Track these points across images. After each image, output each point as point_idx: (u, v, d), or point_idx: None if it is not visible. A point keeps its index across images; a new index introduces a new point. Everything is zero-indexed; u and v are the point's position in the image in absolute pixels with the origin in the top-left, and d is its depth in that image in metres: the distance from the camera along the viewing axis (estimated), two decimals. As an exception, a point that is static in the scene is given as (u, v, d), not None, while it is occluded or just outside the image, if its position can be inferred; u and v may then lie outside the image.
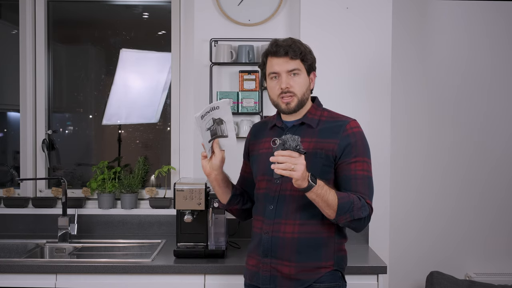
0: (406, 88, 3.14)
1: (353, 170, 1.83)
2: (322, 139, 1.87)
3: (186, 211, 2.52)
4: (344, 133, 1.85)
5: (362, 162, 1.84)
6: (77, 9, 3.29)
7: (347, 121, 1.89)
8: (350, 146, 1.84)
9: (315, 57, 1.95)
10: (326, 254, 1.87)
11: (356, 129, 1.87)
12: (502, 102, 3.18)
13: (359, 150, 1.85)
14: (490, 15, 3.15)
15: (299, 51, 1.87)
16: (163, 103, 3.21)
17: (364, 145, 1.87)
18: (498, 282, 3.00)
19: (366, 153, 1.87)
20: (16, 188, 3.09)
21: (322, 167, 1.84)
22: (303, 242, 1.86)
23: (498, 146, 3.18)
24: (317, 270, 1.86)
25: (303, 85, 1.88)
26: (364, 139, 1.88)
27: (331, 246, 1.88)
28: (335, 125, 1.89)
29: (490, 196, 3.18)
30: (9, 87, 3.23)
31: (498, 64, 3.17)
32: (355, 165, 1.83)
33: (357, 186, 1.82)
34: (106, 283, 2.35)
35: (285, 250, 1.87)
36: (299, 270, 1.86)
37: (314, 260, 1.86)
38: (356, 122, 1.90)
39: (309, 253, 1.86)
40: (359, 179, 1.83)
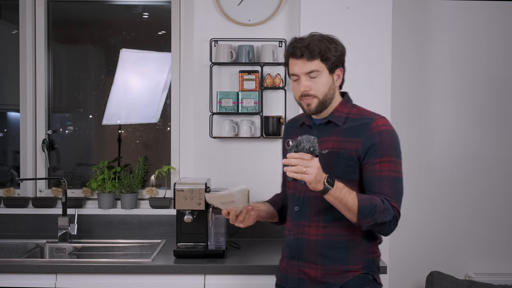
0: (406, 88, 3.14)
1: (378, 171, 1.73)
2: (347, 138, 1.79)
3: (186, 211, 2.52)
4: (369, 132, 1.76)
5: (389, 163, 1.74)
6: (77, 9, 3.30)
7: (374, 119, 1.79)
8: (375, 145, 1.74)
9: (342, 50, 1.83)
10: (353, 257, 1.80)
11: (383, 128, 1.77)
12: (501, 102, 3.18)
13: (385, 149, 1.74)
14: (489, 15, 3.15)
15: (317, 51, 1.76)
16: (163, 103, 3.21)
17: (392, 144, 1.77)
18: (498, 282, 3.00)
19: (395, 152, 1.76)
20: (16, 188, 3.09)
21: (345, 167, 1.77)
22: (327, 245, 1.81)
23: (497, 145, 3.18)
24: (344, 274, 1.80)
25: (324, 86, 1.80)
26: (392, 138, 1.78)
27: (358, 248, 1.81)
28: (361, 123, 1.79)
29: (490, 196, 3.18)
30: (9, 87, 3.23)
31: (498, 64, 3.17)
32: (380, 165, 1.73)
33: (381, 187, 1.72)
34: (106, 283, 2.35)
35: (310, 253, 1.83)
36: (325, 273, 1.81)
37: (340, 264, 1.80)
38: (383, 119, 1.80)
39: (334, 256, 1.81)
40: (384, 180, 1.73)
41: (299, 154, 1.63)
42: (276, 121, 2.85)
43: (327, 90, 1.81)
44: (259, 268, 2.35)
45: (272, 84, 2.87)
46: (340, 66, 1.84)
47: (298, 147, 1.66)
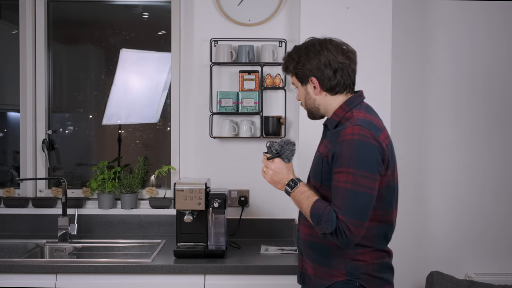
0: (406, 88, 3.14)
1: (335, 181, 1.70)
2: (328, 143, 1.80)
3: (186, 211, 2.52)
4: (337, 139, 1.74)
5: (347, 174, 1.67)
6: (77, 9, 3.30)
7: (345, 127, 1.75)
8: (336, 155, 1.71)
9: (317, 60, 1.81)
10: (336, 262, 1.80)
11: (348, 137, 1.70)
12: (503, 102, 3.18)
13: (344, 160, 1.68)
14: (490, 15, 3.15)
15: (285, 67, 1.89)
16: (163, 103, 3.21)
17: (353, 155, 1.68)
18: (498, 282, 3.00)
19: (356, 163, 1.67)
20: (16, 188, 3.09)
21: (321, 173, 1.79)
22: (313, 245, 1.85)
23: (498, 145, 3.18)
24: (328, 277, 1.81)
25: (302, 98, 1.91)
26: (355, 148, 1.68)
27: (341, 254, 1.79)
28: (339, 129, 1.77)
29: (491, 196, 3.18)
30: (9, 87, 3.23)
31: (498, 64, 3.17)
32: (339, 176, 1.69)
33: (335, 198, 1.69)
34: (106, 283, 2.35)
35: (305, 250, 1.91)
36: (315, 272, 1.86)
37: (325, 266, 1.82)
38: (354, 128, 1.72)
39: (320, 258, 1.83)
40: (338, 191, 1.69)
41: (263, 156, 1.86)
42: (276, 121, 2.85)
43: (304, 101, 1.90)
44: (259, 268, 2.35)
45: (272, 84, 2.87)
46: (312, 76, 1.83)
47: (269, 149, 1.85)
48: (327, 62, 1.81)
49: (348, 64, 1.84)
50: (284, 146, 1.82)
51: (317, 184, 1.82)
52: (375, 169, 1.70)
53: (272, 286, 2.34)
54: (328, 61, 1.81)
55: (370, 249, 1.81)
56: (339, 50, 1.83)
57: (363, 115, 1.79)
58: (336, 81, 1.82)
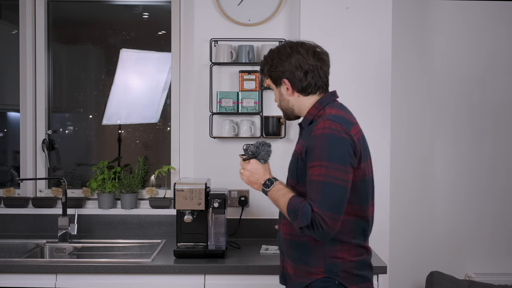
0: (406, 88, 3.14)
1: (309, 175, 1.74)
2: (302, 140, 1.85)
3: (186, 211, 2.52)
4: (310, 135, 1.78)
5: (320, 167, 1.71)
6: (77, 9, 3.30)
7: (316, 122, 1.81)
8: (309, 149, 1.76)
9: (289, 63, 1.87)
10: (315, 260, 1.82)
11: (319, 131, 1.75)
12: (502, 102, 3.18)
13: (316, 153, 1.73)
14: (490, 15, 3.15)
15: (261, 70, 1.97)
16: (163, 103, 3.21)
17: (324, 148, 1.72)
18: (498, 282, 3.00)
19: (326, 156, 1.71)
20: (16, 188, 3.09)
21: (297, 170, 1.83)
22: (293, 244, 1.87)
23: (498, 146, 3.18)
24: (307, 275, 1.83)
25: (277, 99, 1.97)
26: (326, 141, 1.73)
27: (319, 252, 1.81)
28: (311, 127, 1.82)
29: (490, 196, 3.18)
30: (9, 87, 3.23)
31: (499, 64, 3.17)
32: (312, 170, 1.73)
33: (309, 192, 1.73)
34: (106, 283, 2.35)
35: (285, 249, 1.92)
36: (296, 272, 1.87)
37: (304, 264, 1.84)
38: (325, 122, 1.77)
39: (299, 256, 1.85)
40: (312, 184, 1.72)
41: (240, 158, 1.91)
42: (276, 121, 2.85)
43: (279, 102, 1.97)
44: (259, 268, 2.35)
45: (272, 84, 2.87)
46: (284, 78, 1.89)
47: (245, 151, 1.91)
48: (297, 64, 1.87)
49: (320, 66, 1.89)
50: (260, 147, 1.88)
51: (294, 182, 1.85)
52: (347, 161, 1.73)
53: (272, 286, 2.33)
54: (299, 63, 1.87)
55: (348, 246, 1.82)
56: (310, 52, 1.89)
57: (335, 111, 1.84)
58: (307, 82, 1.88)
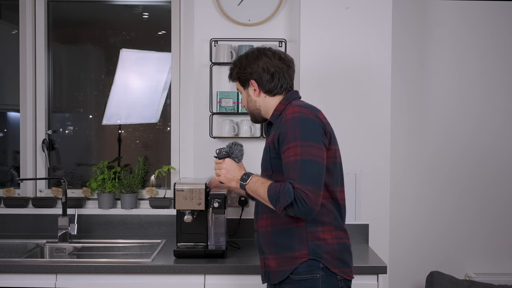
0: (406, 88, 3.14)
1: (286, 158, 1.81)
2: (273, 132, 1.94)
3: (186, 211, 2.52)
4: (279, 123, 1.88)
5: (295, 148, 1.79)
6: (77, 9, 3.30)
7: (284, 111, 1.91)
8: (282, 135, 1.84)
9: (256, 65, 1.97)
10: (298, 243, 1.88)
11: (289, 116, 1.84)
12: (503, 103, 3.18)
13: (289, 136, 1.81)
14: (490, 15, 3.15)
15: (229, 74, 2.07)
16: (163, 103, 3.21)
17: (296, 129, 1.81)
18: (498, 282, 3.00)
19: (300, 136, 1.79)
20: (16, 188, 3.09)
21: (271, 160, 1.91)
22: (275, 233, 1.92)
23: (499, 147, 3.18)
24: (292, 261, 1.88)
25: (244, 101, 2.08)
26: (298, 123, 1.81)
27: (303, 235, 1.88)
28: (281, 117, 1.92)
29: (490, 196, 3.18)
30: (9, 87, 3.23)
31: (499, 64, 3.17)
32: (287, 152, 1.80)
33: (288, 173, 1.79)
34: (106, 283, 2.35)
35: (266, 244, 1.97)
36: (279, 262, 1.92)
37: (288, 251, 1.89)
38: (293, 108, 1.87)
39: (283, 243, 1.90)
40: (290, 165, 1.79)
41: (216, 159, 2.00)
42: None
43: (246, 104, 2.07)
44: (259, 268, 2.33)
45: (272, 84, 2.87)
46: (251, 79, 2.00)
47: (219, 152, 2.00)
48: (265, 66, 1.98)
49: (286, 68, 2.00)
50: (233, 147, 1.98)
51: (269, 173, 1.93)
52: (319, 139, 1.82)
53: (272, 286, 2.34)
54: (266, 65, 1.98)
55: (329, 227, 1.90)
56: (277, 56, 2.00)
57: (300, 102, 1.98)
58: (273, 84, 1.99)
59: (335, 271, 1.88)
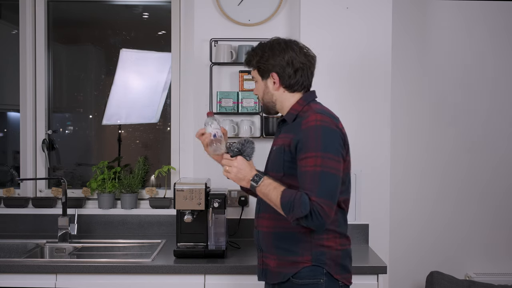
0: (406, 88, 3.14)
1: (303, 167, 1.77)
2: (288, 134, 1.89)
3: (186, 211, 2.52)
4: (300, 128, 1.83)
5: (315, 158, 1.75)
6: (77, 9, 3.30)
7: (306, 116, 1.85)
8: (301, 142, 1.80)
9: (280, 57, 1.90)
10: (302, 248, 1.85)
11: (312, 123, 1.80)
12: (503, 102, 3.18)
13: (310, 145, 1.77)
14: (490, 15, 3.15)
15: (247, 61, 1.99)
16: (163, 103, 3.21)
17: (319, 139, 1.77)
18: (498, 282, 3.00)
19: (321, 147, 1.76)
20: (16, 188, 3.09)
21: (284, 162, 1.86)
22: (278, 236, 1.89)
23: (499, 146, 3.18)
24: (294, 265, 1.86)
25: (260, 92, 1.99)
26: (320, 132, 1.78)
27: (307, 241, 1.85)
28: (299, 120, 1.87)
29: (490, 196, 3.18)
30: (9, 87, 3.23)
31: (499, 64, 3.17)
32: (306, 161, 1.77)
33: (305, 182, 1.76)
34: (106, 283, 2.35)
35: (266, 244, 1.94)
36: (279, 263, 1.90)
37: (291, 255, 1.87)
38: (316, 115, 1.82)
39: (285, 247, 1.88)
40: (308, 175, 1.75)
41: (225, 155, 1.92)
42: (276, 121, 2.85)
43: (262, 95, 1.99)
44: (259, 268, 2.34)
45: (272, 84, 2.87)
46: (273, 71, 1.92)
47: (230, 148, 1.91)
48: (290, 60, 1.90)
49: (309, 66, 1.94)
50: (245, 144, 1.90)
51: (279, 175, 1.88)
52: (339, 152, 1.80)
53: (272, 286, 2.34)
54: (291, 59, 1.90)
55: (333, 234, 1.88)
56: (302, 51, 1.93)
57: (320, 107, 1.92)
58: (295, 80, 1.92)
59: (337, 277, 1.87)
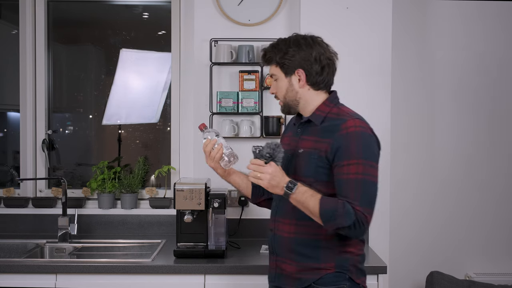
0: (406, 87, 3.14)
1: (345, 174, 1.71)
2: (321, 138, 1.80)
3: (186, 211, 2.52)
4: (338, 133, 1.75)
5: (357, 165, 1.70)
6: (77, 9, 3.30)
7: (345, 119, 1.78)
8: (342, 147, 1.73)
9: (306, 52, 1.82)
10: (325, 255, 1.81)
11: (352, 129, 1.74)
12: (502, 102, 3.18)
13: (353, 151, 1.72)
14: (489, 15, 3.15)
15: (268, 56, 1.87)
16: (163, 103, 3.21)
17: (360, 146, 1.73)
18: (498, 282, 3.00)
19: (364, 154, 1.72)
20: (16, 188, 3.09)
21: (316, 168, 1.79)
22: (299, 242, 1.83)
23: (499, 145, 3.18)
24: (316, 271, 1.81)
25: (282, 89, 1.88)
26: (361, 139, 1.74)
27: (330, 248, 1.81)
28: (334, 124, 1.79)
29: (490, 196, 3.18)
30: (9, 87, 3.23)
31: (499, 64, 3.17)
32: (348, 168, 1.71)
33: (347, 191, 1.71)
34: (106, 283, 2.35)
35: (285, 249, 1.87)
36: (299, 269, 1.84)
37: (312, 261, 1.82)
38: (354, 121, 1.77)
39: (307, 254, 1.82)
40: (350, 183, 1.70)
41: (254, 160, 1.76)
42: (276, 121, 2.85)
43: (284, 93, 1.88)
44: (259, 268, 2.34)
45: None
46: (300, 68, 1.83)
47: (258, 153, 1.77)
48: (317, 56, 1.83)
49: (333, 63, 1.88)
50: (276, 149, 1.77)
51: (310, 180, 1.79)
52: (377, 159, 1.78)
53: (272, 286, 2.34)
54: (319, 55, 1.83)
55: (355, 240, 1.84)
56: (328, 48, 1.87)
57: (351, 110, 1.86)
58: (322, 77, 1.85)
59: (358, 282, 1.84)
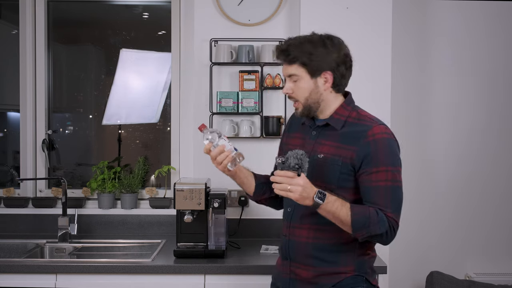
0: (406, 88, 3.14)
1: (374, 181, 1.70)
2: (343, 144, 1.75)
3: (186, 211, 2.52)
4: (365, 140, 1.71)
5: (386, 172, 1.70)
6: (77, 9, 3.30)
7: (370, 126, 1.73)
8: (370, 155, 1.70)
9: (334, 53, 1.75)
10: (345, 259, 1.79)
11: (379, 136, 1.71)
12: (502, 102, 3.18)
13: (381, 159, 1.70)
14: (490, 15, 3.15)
15: (293, 56, 1.74)
16: (163, 103, 3.21)
17: (388, 153, 1.71)
18: (498, 282, 3.00)
19: (391, 161, 1.72)
20: (16, 188, 3.09)
21: (340, 175, 1.74)
22: (318, 248, 1.79)
23: (498, 145, 3.18)
24: (335, 275, 1.79)
25: (304, 90, 1.77)
26: (388, 146, 1.72)
27: (350, 251, 1.79)
28: (358, 130, 1.74)
29: (490, 196, 3.18)
30: (9, 87, 3.23)
31: (499, 64, 3.17)
32: (376, 175, 1.69)
33: (377, 198, 1.69)
34: (106, 283, 2.35)
35: (301, 255, 1.82)
36: (316, 274, 1.80)
37: (331, 266, 1.79)
38: (380, 127, 1.74)
39: (325, 258, 1.79)
40: (381, 190, 1.69)
41: (283, 172, 1.65)
42: (276, 121, 2.85)
43: (308, 95, 1.77)
44: (259, 268, 2.35)
45: (272, 84, 2.87)
46: (328, 70, 1.75)
47: (285, 164, 1.66)
48: (345, 58, 1.78)
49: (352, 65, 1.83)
50: (303, 159, 1.66)
51: (332, 187, 1.74)
52: (401, 164, 1.78)
53: (272, 286, 2.34)
54: (346, 57, 1.78)
55: (373, 243, 1.84)
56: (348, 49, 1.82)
57: (370, 114, 1.82)
58: (345, 80, 1.81)
59: (374, 283, 1.84)
